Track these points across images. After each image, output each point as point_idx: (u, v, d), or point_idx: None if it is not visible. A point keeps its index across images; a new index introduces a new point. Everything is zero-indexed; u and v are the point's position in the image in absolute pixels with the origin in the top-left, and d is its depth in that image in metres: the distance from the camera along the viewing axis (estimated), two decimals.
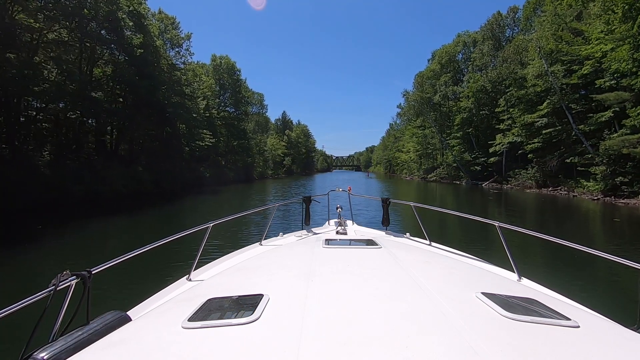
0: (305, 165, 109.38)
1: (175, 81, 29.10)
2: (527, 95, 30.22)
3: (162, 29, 30.11)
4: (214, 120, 43.09)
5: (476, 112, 41.40)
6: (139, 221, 14.37)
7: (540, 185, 31.08)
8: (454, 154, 45.78)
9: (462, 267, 2.13)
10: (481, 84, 40.38)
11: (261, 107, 73.32)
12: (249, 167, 56.26)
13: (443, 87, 47.19)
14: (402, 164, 74.75)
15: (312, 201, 4.27)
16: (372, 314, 1.21)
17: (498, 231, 2.44)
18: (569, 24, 25.31)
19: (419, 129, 57.22)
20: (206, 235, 2.47)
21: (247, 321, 1.15)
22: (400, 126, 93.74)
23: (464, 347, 0.98)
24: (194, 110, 33.58)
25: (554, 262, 7.49)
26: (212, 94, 45.93)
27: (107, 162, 23.86)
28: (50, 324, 1.24)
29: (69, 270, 1.38)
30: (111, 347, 1.13)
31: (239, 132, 53.82)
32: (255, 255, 2.57)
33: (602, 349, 1.08)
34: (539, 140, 28.63)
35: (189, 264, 2.34)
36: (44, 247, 9.29)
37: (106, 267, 1.59)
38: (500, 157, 38.24)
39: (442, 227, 12.09)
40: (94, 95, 19.91)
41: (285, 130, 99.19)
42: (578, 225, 14.12)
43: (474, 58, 44.77)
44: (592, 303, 1.85)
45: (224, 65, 50.97)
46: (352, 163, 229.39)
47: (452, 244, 3.27)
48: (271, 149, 76.32)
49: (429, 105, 49.32)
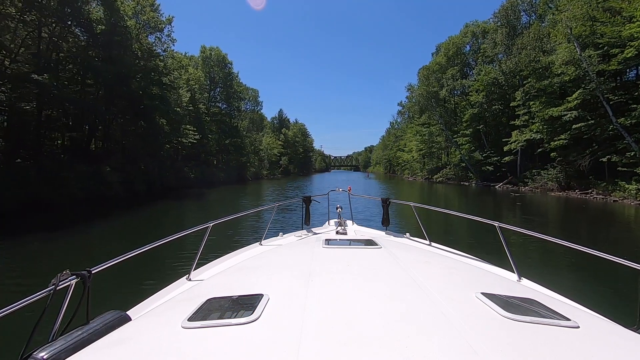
0: (303, 165, 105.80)
1: (152, 69, 25.34)
2: (551, 85, 26.75)
3: (137, 10, 26.39)
4: (201, 116, 39.37)
5: (488, 107, 37.92)
6: (57, 240, 10.15)
7: (563, 187, 27.67)
8: (463, 153, 42.28)
9: (462, 267, 2.13)
10: (493, 76, 36.93)
11: (256, 103, 69.59)
12: (242, 167, 52.57)
13: (450, 80, 43.63)
14: (404, 163, 71.32)
15: (312, 201, 4.26)
16: (372, 314, 1.20)
17: (498, 231, 2.44)
18: (601, 3, 21.92)
19: (423, 127, 53.75)
20: (206, 235, 2.45)
21: (246, 321, 1.14)
22: (401, 124, 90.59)
23: (463, 347, 0.98)
24: (175, 103, 29.86)
25: (554, 262, 7.43)
26: (200, 88, 42.22)
27: (72, 162, 20.25)
28: (50, 323, 1.23)
29: (68, 270, 1.37)
30: (111, 347, 1.12)
31: (230, 130, 50.14)
32: (255, 255, 2.56)
33: (602, 349, 1.07)
34: (567, 136, 25.14)
35: (188, 264, 2.34)
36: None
37: (106, 266, 1.59)
38: (515, 156, 34.81)
39: (442, 227, 11.83)
40: (37, 78, 16.12)
41: (282, 128, 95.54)
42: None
43: (484, 49, 41.29)
44: (592, 303, 1.85)
45: (214, 57, 47.24)
46: (351, 163, 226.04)
47: (452, 244, 3.26)
48: (267, 148, 72.74)
49: (435, 101, 45.76)
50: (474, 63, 46.79)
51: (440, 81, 45.13)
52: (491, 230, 2.57)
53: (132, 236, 11.23)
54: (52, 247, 9.23)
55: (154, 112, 25.86)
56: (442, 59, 46.67)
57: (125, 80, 23.35)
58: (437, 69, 46.48)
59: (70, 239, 10.24)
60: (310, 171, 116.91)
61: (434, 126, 49.66)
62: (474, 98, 39.01)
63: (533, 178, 32.05)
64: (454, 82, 43.65)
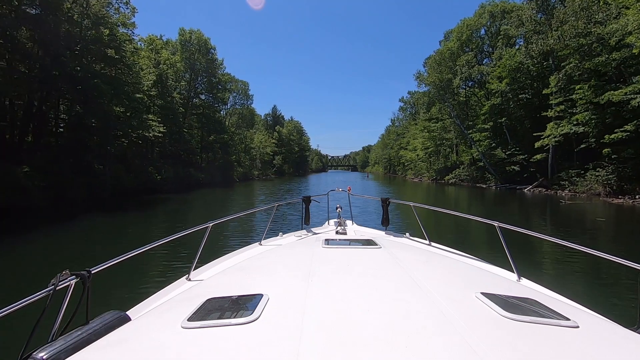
0: (299, 165, 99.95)
1: (94, 40, 19.21)
2: (606, 64, 21.16)
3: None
4: (175, 106, 33.36)
5: (513, 97, 32.32)
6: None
7: (615, 192, 22.16)
8: (480, 151, 36.66)
9: (462, 267, 2.13)
10: (519, 59, 31.35)
11: (246, 97, 63.50)
12: (228, 167, 46.60)
13: (465, 68, 37.97)
14: (407, 163, 65.78)
15: (311, 201, 4.25)
16: (372, 314, 1.20)
17: (498, 231, 2.45)
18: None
19: (432, 122, 48.13)
20: (206, 235, 2.45)
21: (246, 321, 1.14)
22: (403, 122, 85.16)
23: (463, 347, 0.98)
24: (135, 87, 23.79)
25: (554, 262, 7.47)
26: (176, 75, 36.21)
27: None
28: (49, 323, 1.22)
29: (68, 270, 1.36)
30: (110, 347, 1.12)
31: (214, 124, 44.17)
32: (254, 255, 2.54)
33: (601, 349, 1.07)
34: (632, 126, 19.55)
35: (188, 264, 2.32)
36: None
37: (106, 266, 1.58)
38: (546, 154, 29.30)
39: (442, 227, 11.63)
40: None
41: (276, 126, 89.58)
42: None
43: (505, 30, 35.74)
44: (592, 303, 1.85)
45: (194, 41, 41.19)
46: (348, 163, 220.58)
47: (452, 244, 3.21)
48: (259, 147, 66.85)
49: (449, 91, 40.08)
50: (490, 49, 41.27)
51: (453, 69, 39.47)
52: (491, 230, 2.57)
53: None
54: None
55: (103, 97, 19.86)
56: (454, 44, 41.01)
57: (47, 49, 17.33)
58: (448, 55, 40.81)
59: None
60: (306, 171, 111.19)
61: (442, 121, 44.00)
62: (495, 86, 33.41)
63: (571, 180, 26.56)
64: (469, 70, 37.97)
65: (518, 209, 19.79)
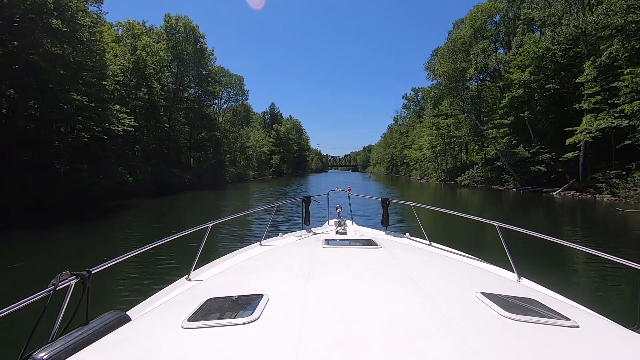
0: (298, 164, 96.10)
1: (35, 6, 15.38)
2: None
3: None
4: (154, 98, 29.56)
5: (538, 87, 28.51)
6: None
7: None
8: (499, 149, 32.84)
9: (462, 267, 2.12)
10: (544, 45, 27.54)
11: (241, 93, 59.71)
12: (219, 167, 42.84)
13: (481, 57, 34.15)
14: (412, 163, 62.02)
15: (311, 201, 4.24)
16: (372, 314, 1.20)
17: (498, 231, 2.43)
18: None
19: (441, 118, 44.33)
20: (206, 235, 2.43)
21: (246, 321, 1.14)
22: (406, 120, 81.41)
23: (463, 347, 0.98)
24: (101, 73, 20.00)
25: (554, 262, 7.39)
26: (158, 63, 32.44)
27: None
28: (49, 323, 1.21)
29: (68, 270, 1.35)
30: (111, 347, 1.12)
31: (203, 120, 40.41)
32: (254, 255, 2.54)
33: (601, 349, 1.07)
34: None
35: (188, 264, 2.29)
36: None
37: (106, 267, 1.57)
38: (577, 152, 25.52)
39: (441, 227, 11.74)
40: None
41: (274, 124, 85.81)
42: None
43: (526, 14, 31.94)
44: (592, 303, 1.81)
45: (181, 28, 37.42)
46: (349, 163, 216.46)
47: (452, 244, 3.20)
48: (255, 145, 63.07)
49: (462, 83, 36.23)
50: (507, 38, 37.51)
51: (466, 58, 35.68)
52: (491, 230, 2.62)
53: None
54: None
55: (51, 81, 16.10)
56: (467, 31, 37.21)
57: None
58: (460, 44, 37.01)
59: None
60: (305, 171, 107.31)
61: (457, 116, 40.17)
62: (517, 76, 29.61)
63: (611, 182, 22.80)
64: (484, 59, 34.16)
65: (560, 218, 16.01)
